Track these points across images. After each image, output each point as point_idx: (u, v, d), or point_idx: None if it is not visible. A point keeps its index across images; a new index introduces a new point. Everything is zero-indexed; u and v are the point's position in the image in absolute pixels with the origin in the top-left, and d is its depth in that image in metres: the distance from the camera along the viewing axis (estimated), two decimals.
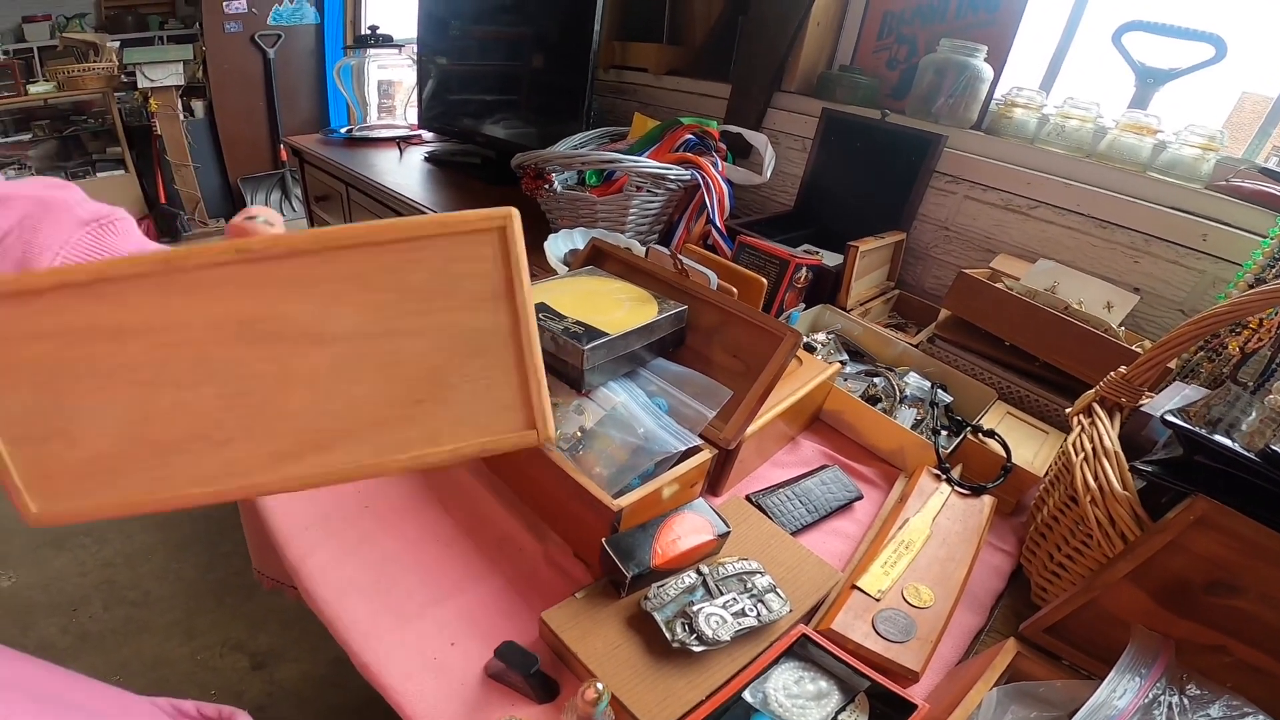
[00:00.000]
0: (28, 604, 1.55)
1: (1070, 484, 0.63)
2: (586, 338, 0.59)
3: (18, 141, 3.35)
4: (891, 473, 0.82)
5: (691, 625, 0.54)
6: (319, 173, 2.05)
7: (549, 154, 1.12)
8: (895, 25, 1.35)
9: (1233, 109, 1.17)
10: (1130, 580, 0.55)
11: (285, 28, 3.56)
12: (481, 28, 1.82)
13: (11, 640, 1.50)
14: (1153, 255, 1.03)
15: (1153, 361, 0.65)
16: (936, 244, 1.26)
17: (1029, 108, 1.17)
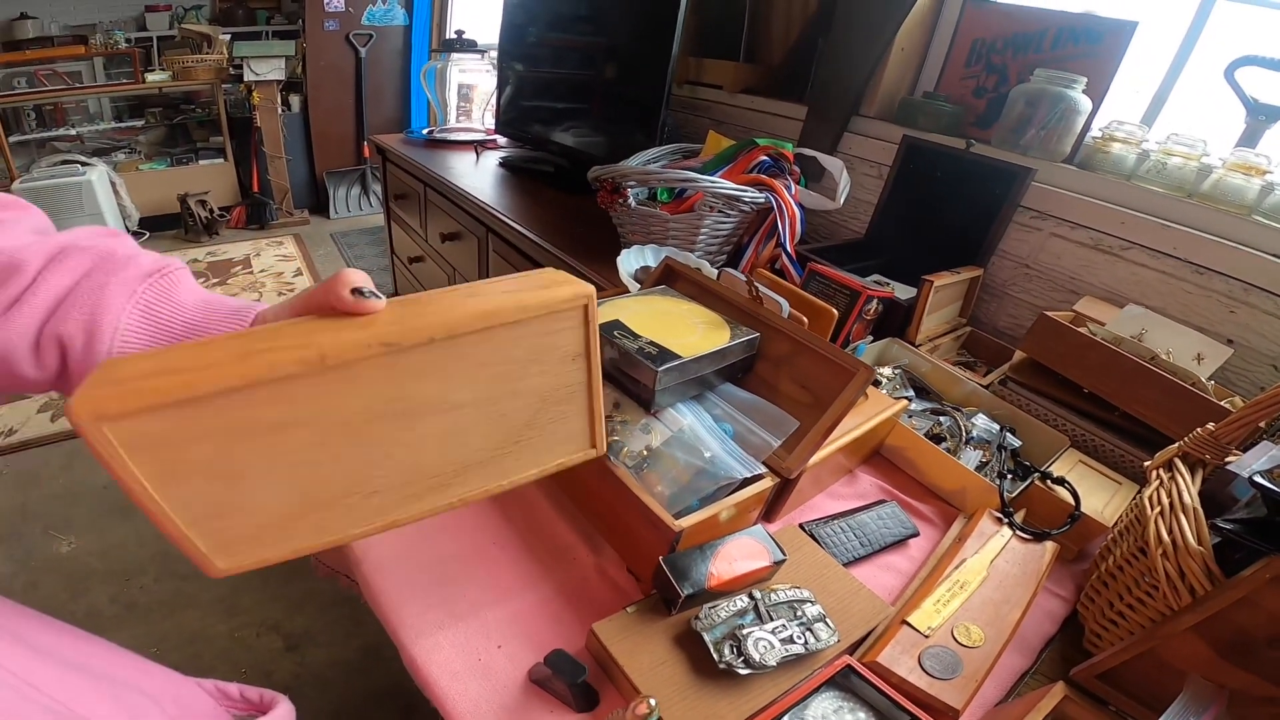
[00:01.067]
0: (84, 570, 1.63)
1: (1141, 535, 0.61)
2: (660, 359, 0.61)
3: (130, 126, 3.62)
4: (950, 513, 0.80)
5: (740, 648, 0.55)
6: (400, 171, 2.15)
7: (625, 169, 1.14)
8: (985, 53, 1.32)
9: None
10: (1194, 632, 0.54)
11: (377, 28, 3.74)
12: (560, 36, 1.86)
13: (60, 606, 1.57)
14: (1251, 306, 0.97)
15: (1243, 420, 0.63)
16: (1015, 282, 1.22)
17: (1128, 142, 1.12)
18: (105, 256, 0.39)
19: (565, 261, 1.32)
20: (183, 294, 0.41)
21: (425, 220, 2.06)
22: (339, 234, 3.78)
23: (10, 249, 0.37)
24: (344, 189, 4.03)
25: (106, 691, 0.39)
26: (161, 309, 0.40)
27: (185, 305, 0.40)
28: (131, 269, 0.39)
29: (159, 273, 0.40)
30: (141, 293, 0.39)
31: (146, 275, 0.39)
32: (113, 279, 0.38)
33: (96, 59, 3.42)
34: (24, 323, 0.36)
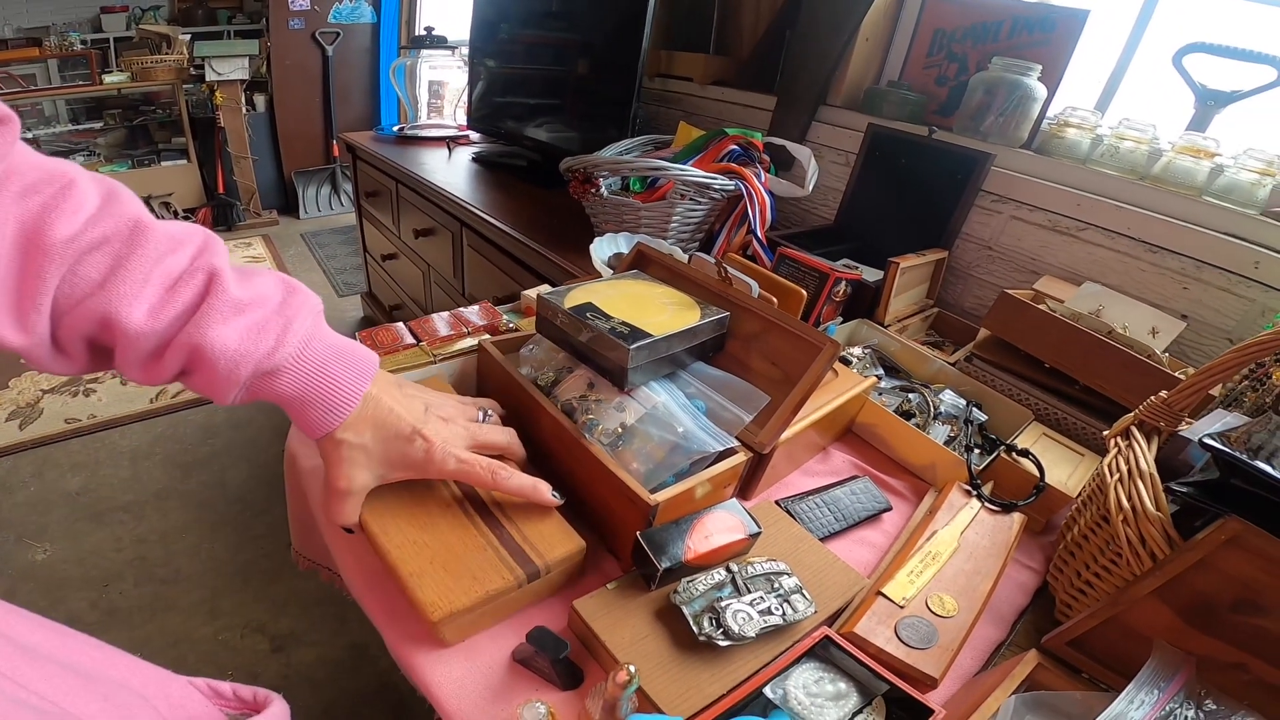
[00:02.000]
0: (61, 578, 1.60)
1: (1103, 504, 0.63)
2: (631, 338, 0.62)
3: (89, 129, 3.53)
4: (921, 487, 0.82)
5: (718, 620, 0.55)
6: (371, 169, 2.13)
7: (597, 159, 1.15)
8: (946, 43, 1.36)
9: None
10: (1156, 596, 0.55)
11: (344, 25, 3.69)
12: (531, 32, 1.87)
13: (40, 614, 1.58)
14: (1203, 282, 1.01)
15: (1195, 387, 0.65)
16: (979, 264, 1.26)
17: (1082, 128, 1.16)
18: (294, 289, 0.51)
19: (540, 252, 1.32)
20: (283, 385, 0.48)
21: (398, 217, 2.04)
22: (309, 234, 3.73)
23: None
24: (313, 188, 3.98)
25: (97, 690, 0.38)
26: (264, 395, 0.49)
27: (287, 396, 0.49)
28: (238, 378, 0.46)
29: (261, 373, 0.47)
30: (246, 389, 0.47)
31: (249, 379, 0.46)
32: (300, 314, 0.49)
33: (51, 61, 3.33)
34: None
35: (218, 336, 0.44)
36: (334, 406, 0.50)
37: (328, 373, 0.50)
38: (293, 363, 0.48)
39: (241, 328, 0.45)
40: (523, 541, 0.59)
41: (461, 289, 1.77)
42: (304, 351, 0.48)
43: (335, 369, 0.50)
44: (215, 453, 2.04)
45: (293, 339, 0.47)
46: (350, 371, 0.51)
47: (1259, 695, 0.51)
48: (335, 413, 0.50)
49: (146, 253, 0.43)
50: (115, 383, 2.31)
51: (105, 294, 0.41)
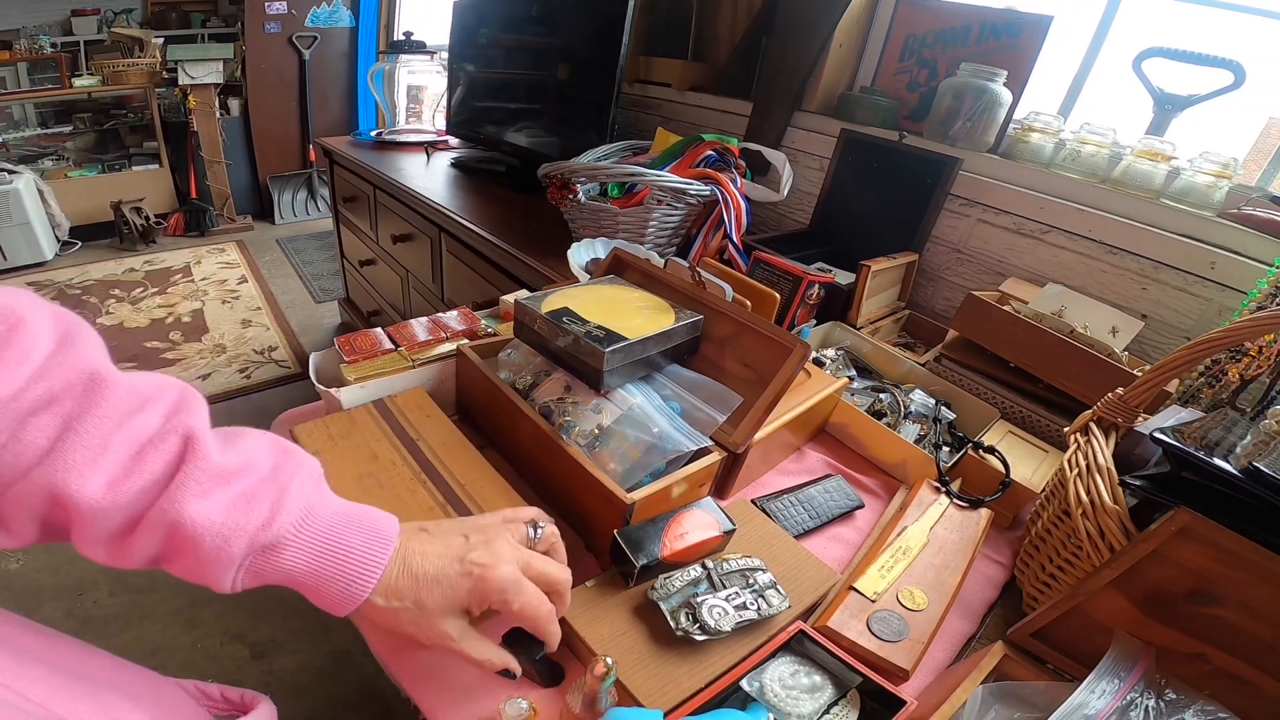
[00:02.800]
0: (35, 587, 1.57)
1: (1064, 498, 0.65)
2: (607, 341, 0.63)
3: (58, 133, 3.46)
4: (893, 484, 0.84)
5: (695, 615, 0.57)
6: (348, 174, 2.11)
7: (575, 165, 1.16)
8: (917, 48, 1.38)
9: (1259, 135, 1.17)
10: (1114, 588, 0.57)
11: (321, 29, 3.66)
12: (511, 37, 1.87)
13: None
14: (1161, 283, 1.05)
15: (1150, 383, 0.67)
16: (948, 266, 1.29)
17: (1046, 132, 1.20)
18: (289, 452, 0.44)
19: (518, 257, 1.32)
20: (288, 560, 0.41)
21: (376, 223, 2.03)
22: (285, 239, 3.68)
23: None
24: (289, 194, 3.93)
25: (86, 692, 0.38)
26: (271, 576, 0.42)
27: (296, 572, 0.42)
28: (231, 555, 0.39)
29: (259, 550, 0.40)
30: (246, 569, 0.41)
31: (245, 557, 0.40)
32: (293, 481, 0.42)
33: (20, 64, 3.27)
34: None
35: (199, 511, 0.37)
36: (355, 577, 0.43)
37: (339, 541, 0.43)
38: (294, 534, 0.41)
39: (228, 499, 0.39)
40: None
41: (440, 294, 1.77)
42: (307, 520, 0.42)
43: (347, 535, 0.43)
44: None
45: (291, 507, 0.41)
46: (365, 534, 0.44)
47: (1219, 684, 0.53)
48: (359, 583, 0.43)
49: (105, 412, 0.36)
50: None
51: (53, 463, 0.34)
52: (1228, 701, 0.51)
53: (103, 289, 2.98)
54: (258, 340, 2.68)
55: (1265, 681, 0.52)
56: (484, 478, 0.66)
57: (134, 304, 2.88)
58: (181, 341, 2.63)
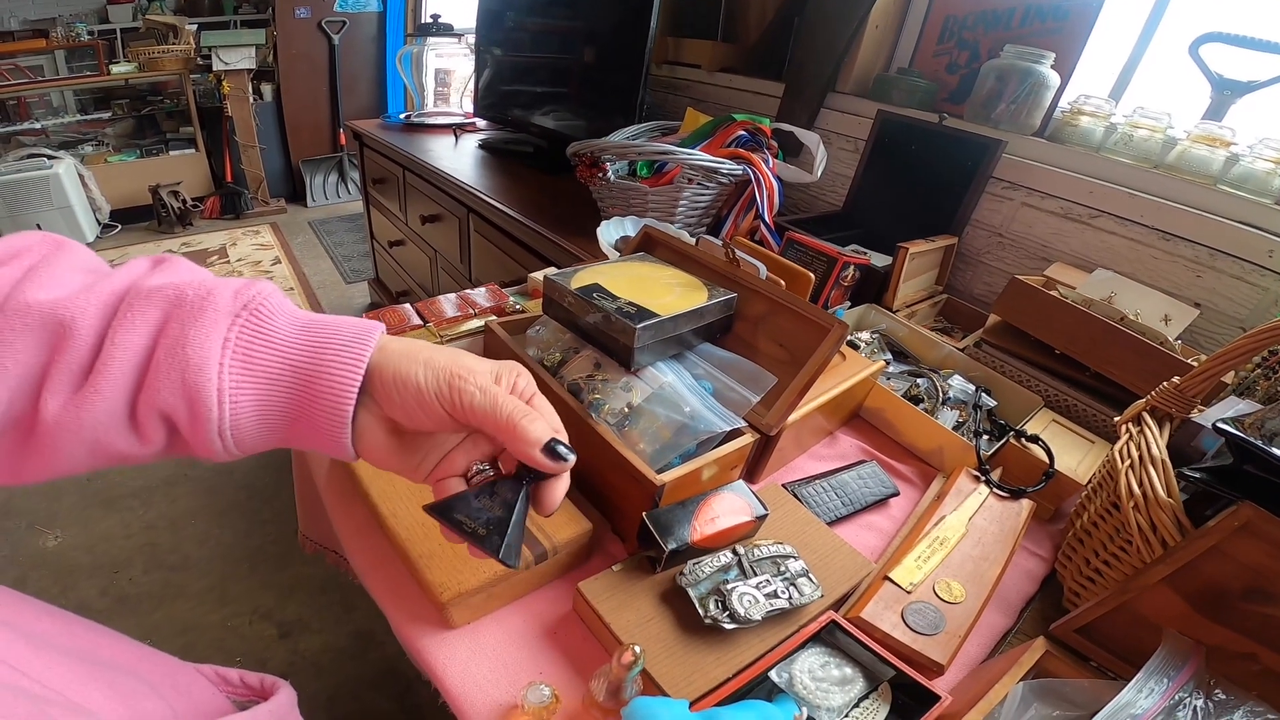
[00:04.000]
0: (71, 565, 1.61)
1: (1114, 490, 0.62)
2: (638, 318, 0.61)
3: (97, 119, 3.54)
4: (929, 472, 0.82)
5: (724, 603, 0.55)
6: (378, 156, 2.12)
7: (605, 143, 1.14)
8: (957, 30, 1.34)
9: None
10: (1167, 584, 0.55)
11: (350, 14, 3.68)
12: (538, 20, 1.86)
13: (50, 601, 1.62)
14: (1216, 270, 1.00)
15: (1207, 373, 0.64)
16: (989, 250, 1.25)
17: (1096, 116, 1.15)
18: (175, 301, 0.33)
19: (546, 236, 1.31)
20: (279, 327, 0.35)
21: (405, 204, 2.04)
22: (317, 222, 3.73)
23: (52, 303, 0.31)
24: (320, 177, 3.98)
25: (102, 677, 0.38)
26: (261, 355, 0.34)
27: (286, 343, 0.35)
28: (209, 311, 0.33)
29: (245, 308, 0.34)
30: (235, 340, 0.34)
31: (231, 315, 0.34)
32: (192, 329, 0.32)
33: (58, 52, 3.34)
34: (108, 401, 0.31)
35: (183, 276, 0.35)
36: (355, 336, 0.37)
37: (330, 317, 0.38)
38: (280, 303, 0.37)
39: (209, 274, 0.36)
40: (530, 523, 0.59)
41: (468, 274, 1.77)
42: (285, 300, 0.38)
43: (334, 316, 0.39)
44: None
45: (268, 285, 0.37)
46: (352, 319, 0.39)
47: (1268, 685, 0.51)
48: (359, 342, 0.36)
49: (69, 255, 0.34)
50: None
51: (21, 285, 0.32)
52: (1276, 703, 0.49)
53: None
54: None
55: None
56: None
57: None
58: None
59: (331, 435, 0.36)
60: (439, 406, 0.37)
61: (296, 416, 0.36)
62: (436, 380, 0.37)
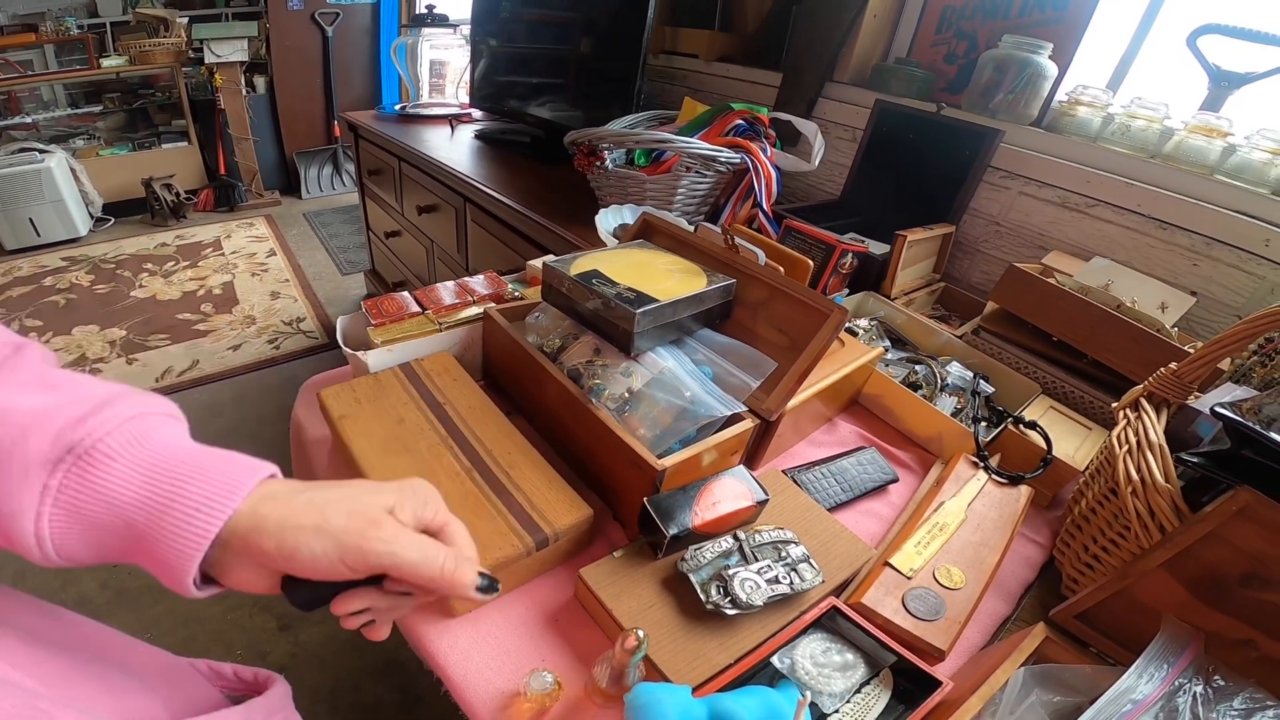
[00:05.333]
0: None
1: (1111, 476, 0.62)
2: (638, 303, 0.61)
3: (88, 113, 3.51)
4: (928, 458, 0.82)
5: (726, 588, 0.55)
6: (373, 147, 2.11)
7: (602, 132, 1.14)
8: (955, 20, 1.34)
9: None
10: (1165, 570, 0.55)
11: (343, 6, 3.66)
12: (533, 10, 1.85)
13: (50, 595, 1.57)
14: (1213, 259, 1.00)
15: (1204, 359, 0.64)
16: (986, 239, 1.25)
17: (1093, 106, 1.15)
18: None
19: (544, 225, 1.31)
20: (113, 478, 0.31)
21: (401, 194, 2.03)
22: (312, 214, 3.72)
23: None
24: (315, 169, 3.96)
25: (95, 673, 0.38)
26: (90, 507, 0.30)
27: (121, 498, 0.31)
28: (17, 460, 0.29)
29: (71, 453, 0.30)
30: (57, 489, 0.30)
31: (50, 464, 0.30)
32: (5, 474, 0.29)
33: (47, 46, 3.31)
34: None
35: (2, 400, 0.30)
36: (212, 496, 0.32)
37: (188, 461, 0.33)
38: (121, 447, 0.32)
39: (44, 400, 0.31)
40: (531, 509, 0.59)
41: (465, 264, 1.77)
42: (143, 438, 0.33)
43: (201, 458, 0.34)
44: (221, 431, 2.04)
45: (120, 414, 0.32)
46: (225, 459, 0.34)
47: (1267, 672, 0.51)
48: (215, 504, 0.32)
49: None
50: (121, 362, 2.31)
51: None
52: (1275, 690, 0.49)
53: (135, 263, 3.03)
54: (286, 312, 2.72)
55: None
56: (510, 442, 0.65)
57: (166, 277, 2.93)
58: (212, 313, 2.67)
59: (176, 584, 0.32)
60: (343, 569, 0.34)
61: (137, 554, 0.32)
62: (339, 548, 0.33)
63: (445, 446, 0.64)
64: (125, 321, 2.56)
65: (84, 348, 2.39)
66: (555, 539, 0.58)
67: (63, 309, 2.62)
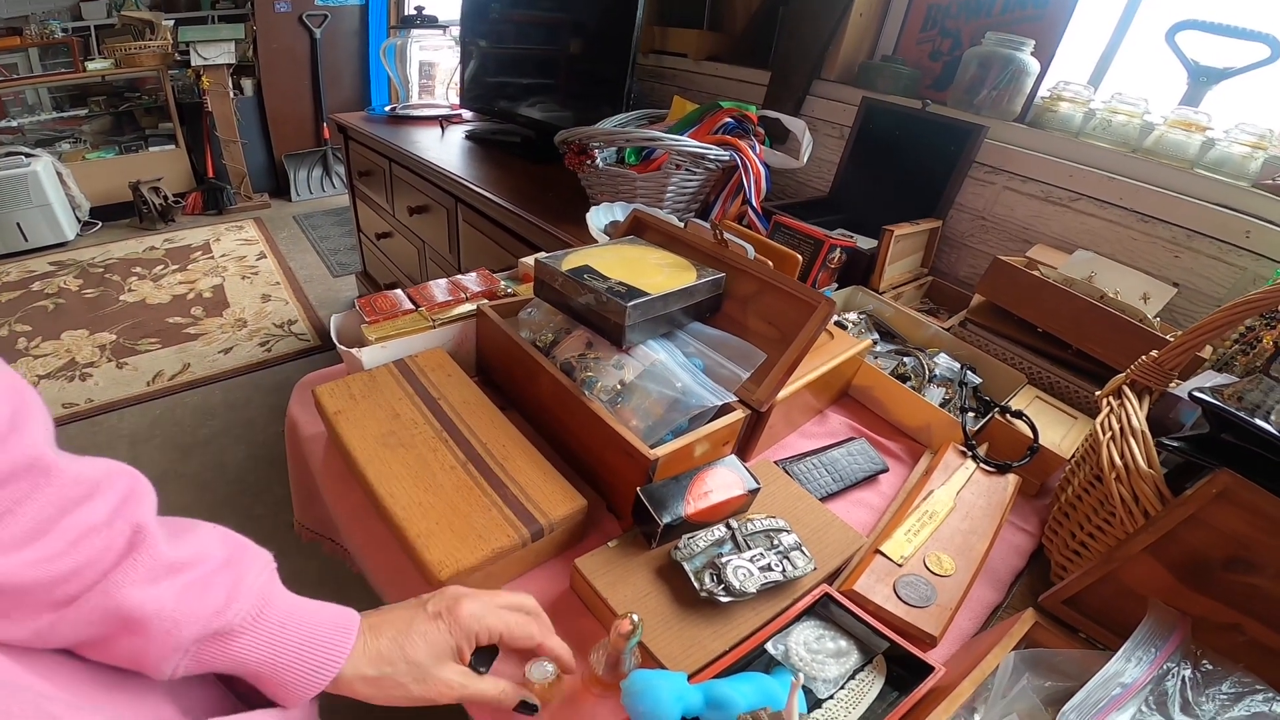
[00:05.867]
0: None
1: (1096, 463, 0.63)
2: (629, 296, 0.62)
3: (74, 116, 3.49)
4: (917, 449, 0.83)
5: (719, 576, 0.56)
6: (363, 149, 2.11)
7: (592, 131, 1.15)
8: (939, 18, 1.35)
9: None
10: (1150, 554, 0.55)
11: (331, 8, 3.65)
12: (523, 11, 1.85)
13: None
14: (1194, 251, 1.02)
15: (1184, 346, 0.65)
16: (973, 233, 1.27)
17: (1075, 102, 1.17)
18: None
19: (535, 224, 1.31)
20: (244, 650, 0.39)
21: (391, 195, 2.03)
22: (302, 216, 3.70)
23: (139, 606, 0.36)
24: (305, 171, 3.95)
25: (104, 675, 0.38)
26: (219, 665, 0.39)
27: (248, 661, 0.40)
28: (180, 639, 0.37)
29: (214, 636, 0.38)
30: (195, 654, 0.38)
31: (197, 641, 0.38)
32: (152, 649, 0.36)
33: (32, 49, 3.28)
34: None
35: (148, 597, 0.36)
36: (324, 657, 0.42)
37: (301, 625, 0.42)
38: (250, 622, 0.40)
39: (179, 586, 0.37)
40: (526, 501, 0.59)
41: (458, 265, 1.77)
42: (263, 609, 0.41)
43: (307, 617, 0.43)
44: (214, 434, 2.04)
45: (246, 594, 0.40)
46: (327, 620, 0.44)
47: (1255, 656, 0.51)
48: (327, 662, 0.42)
49: (48, 498, 0.34)
50: (111, 366, 2.30)
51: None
52: (1262, 674, 0.49)
53: (124, 267, 3.01)
54: (277, 314, 2.71)
55: None
56: (505, 436, 0.65)
57: (155, 281, 2.91)
58: (203, 317, 2.65)
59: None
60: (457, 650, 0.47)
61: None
62: (439, 635, 0.47)
63: (440, 440, 0.64)
64: (115, 325, 2.55)
65: (73, 352, 2.37)
66: (550, 530, 0.58)
67: (51, 314, 2.60)
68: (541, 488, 0.61)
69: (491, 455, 0.63)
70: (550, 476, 0.62)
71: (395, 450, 0.63)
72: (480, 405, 0.69)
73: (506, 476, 0.61)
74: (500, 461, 0.62)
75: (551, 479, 0.62)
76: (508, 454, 0.63)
